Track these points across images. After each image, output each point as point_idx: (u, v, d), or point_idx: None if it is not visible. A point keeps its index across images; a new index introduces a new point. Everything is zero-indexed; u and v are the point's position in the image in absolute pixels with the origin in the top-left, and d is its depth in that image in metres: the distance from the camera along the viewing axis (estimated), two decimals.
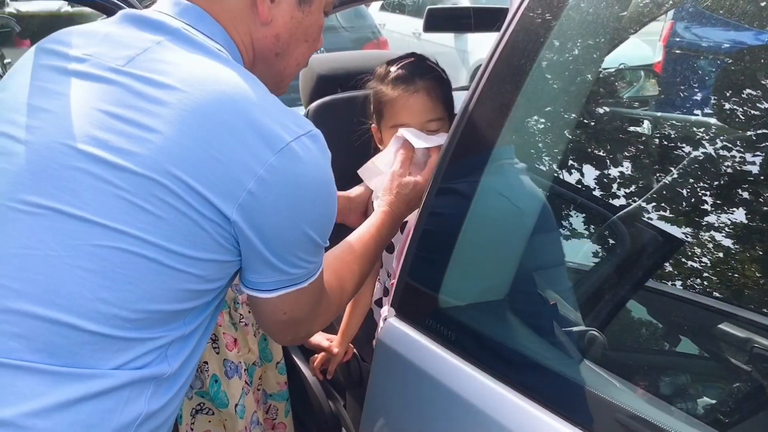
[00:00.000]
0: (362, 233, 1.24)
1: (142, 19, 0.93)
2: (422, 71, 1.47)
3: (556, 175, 1.07)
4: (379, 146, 1.54)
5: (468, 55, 7.30)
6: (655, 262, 1.05)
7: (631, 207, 1.05)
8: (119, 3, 1.95)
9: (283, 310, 0.97)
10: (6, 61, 5.12)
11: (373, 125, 1.55)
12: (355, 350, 1.87)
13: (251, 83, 0.88)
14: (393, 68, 1.48)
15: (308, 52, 1.07)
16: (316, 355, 1.86)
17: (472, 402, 0.90)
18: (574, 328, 1.02)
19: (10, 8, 10.51)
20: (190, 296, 0.88)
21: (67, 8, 12.37)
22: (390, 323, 1.10)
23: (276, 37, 1.00)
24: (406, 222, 1.49)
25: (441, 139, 1.37)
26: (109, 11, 1.95)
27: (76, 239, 0.81)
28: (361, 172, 1.47)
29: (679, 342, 1.09)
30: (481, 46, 7.26)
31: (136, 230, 0.81)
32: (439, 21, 2.40)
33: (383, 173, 1.40)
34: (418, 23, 8.34)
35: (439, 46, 7.35)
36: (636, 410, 0.81)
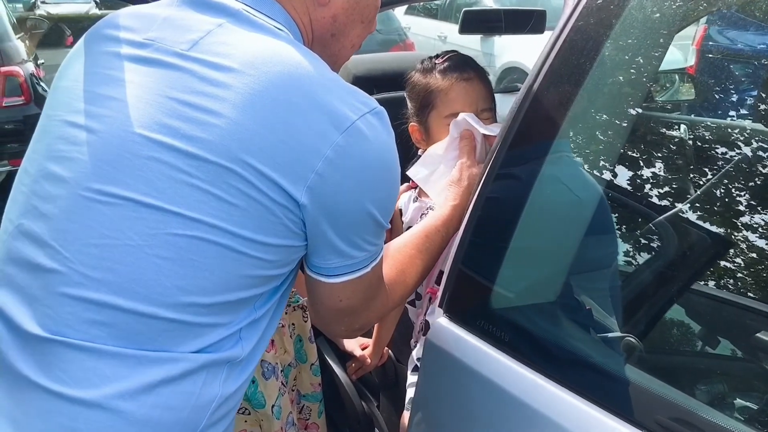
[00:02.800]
0: (427, 226, 1.22)
1: (202, 2, 0.92)
2: (471, 62, 1.46)
3: (611, 173, 1.05)
4: (418, 145, 1.51)
5: (494, 58, 7.29)
6: (707, 264, 1.03)
7: (678, 208, 1.04)
8: None
9: (340, 297, 0.97)
10: (40, 62, 5.19)
11: (411, 124, 1.50)
12: (390, 352, 1.87)
13: (313, 62, 0.88)
14: (439, 60, 1.45)
15: (363, 34, 1.06)
16: (350, 362, 1.87)
17: (529, 403, 0.89)
18: (618, 332, 1.01)
19: (41, 10, 10.72)
20: (261, 282, 0.89)
21: (95, 11, 12.59)
22: (439, 324, 1.09)
23: (333, 18, 1.00)
24: None
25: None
26: None
27: (153, 228, 0.82)
28: (412, 172, 1.40)
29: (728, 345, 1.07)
30: (508, 49, 7.23)
31: (210, 218, 0.82)
32: (474, 23, 2.39)
33: (438, 168, 1.35)
34: (444, 26, 8.37)
35: (466, 49, 7.34)
36: (691, 410, 0.80)
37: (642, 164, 1.07)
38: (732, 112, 1.18)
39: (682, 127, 1.23)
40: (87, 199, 0.84)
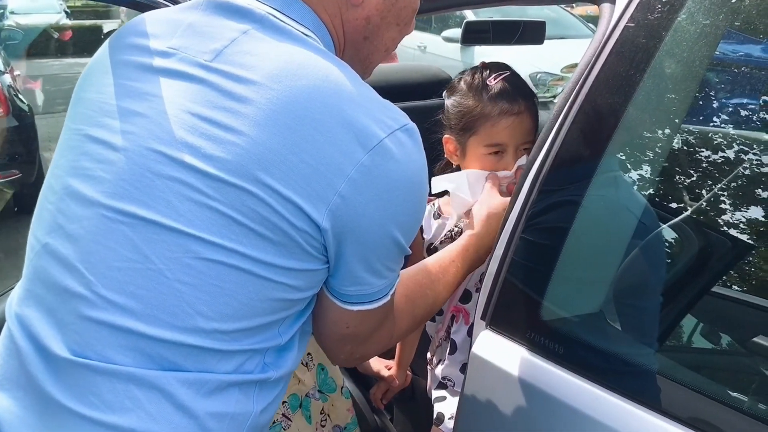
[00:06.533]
0: (443, 257, 1.18)
1: (227, 6, 0.89)
2: (524, 90, 1.39)
3: (661, 190, 1.05)
4: (450, 158, 1.48)
5: None
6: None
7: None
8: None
9: (348, 323, 0.94)
10: (16, 73, 5.08)
11: (446, 136, 1.46)
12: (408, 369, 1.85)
13: (343, 73, 0.83)
14: (492, 81, 1.37)
15: (398, 37, 1.01)
16: (375, 387, 1.82)
17: (594, 417, 0.89)
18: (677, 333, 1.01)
19: (10, 21, 10.53)
20: (283, 306, 0.86)
21: (65, 21, 12.39)
22: (484, 337, 1.09)
23: (366, 20, 0.94)
24: None
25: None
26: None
27: (174, 252, 0.79)
28: (435, 183, 1.38)
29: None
30: (487, 58, 7.27)
31: (229, 242, 0.79)
32: (476, 33, 2.40)
33: (462, 185, 1.34)
34: (423, 36, 8.41)
35: (446, 59, 7.37)
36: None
37: (690, 178, 1.06)
38: None
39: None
40: (110, 219, 0.81)
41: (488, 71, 1.41)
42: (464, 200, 1.35)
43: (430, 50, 7.97)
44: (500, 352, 1.05)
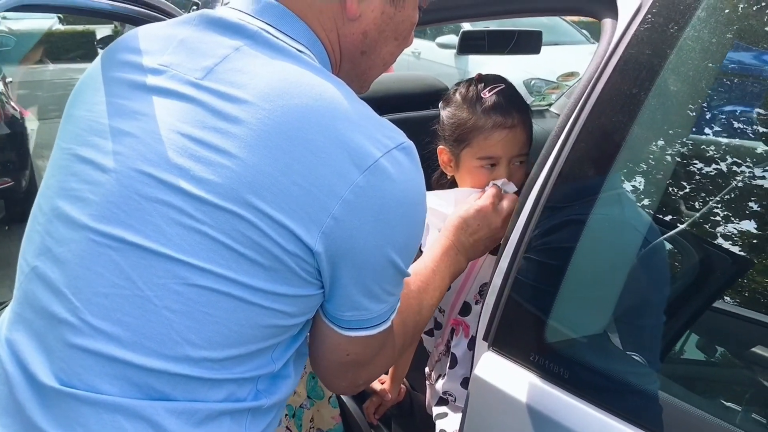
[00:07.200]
0: (419, 267, 1.16)
1: (219, 22, 0.87)
2: (518, 103, 1.37)
3: (667, 209, 1.03)
4: (444, 169, 1.47)
5: (468, 75, 7.33)
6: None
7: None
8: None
9: (348, 350, 0.91)
10: (8, 80, 5.03)
11: (441, 147, 1.45)
12: (406, 381, 1.83)
13: (338, 91, 0.81)
14: (486, 94, 1.36)
15: (397, 51, 0.99)
16: (368, 402, 1.80)
17: None
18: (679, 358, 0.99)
19: (2, 26, 10.46)
20: (275, 332, 0.84)
21: (58, 26, 12.32)
22: (487, 359, 1.06)
23: (363, 34, 0.92)
24: None
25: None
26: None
27: (162, 278, 0.77)
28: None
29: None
30: (482, 65, 7.28)
31: (219, 268, 0.77)
32: (473, 41, 2.39)
33: (450, 203, 1.34)
34: (417, 43, 8.41)
35: (440, 65, 7.37)
36: None
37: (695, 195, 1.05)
38: None
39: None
40: (98, 243, 0.79)
41: (483, 83, 1.40)
42: (443, 214, 1.34)
43: (424, 56, 7.96)
44: (503, 374, 1.03)
